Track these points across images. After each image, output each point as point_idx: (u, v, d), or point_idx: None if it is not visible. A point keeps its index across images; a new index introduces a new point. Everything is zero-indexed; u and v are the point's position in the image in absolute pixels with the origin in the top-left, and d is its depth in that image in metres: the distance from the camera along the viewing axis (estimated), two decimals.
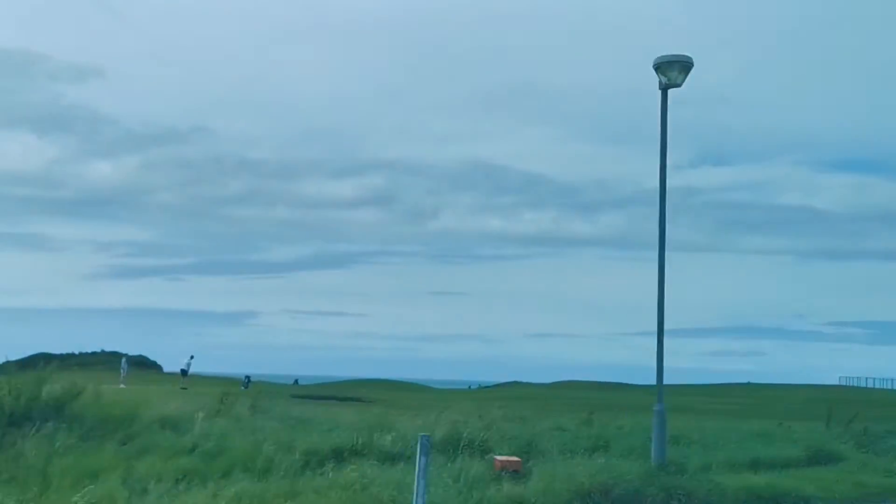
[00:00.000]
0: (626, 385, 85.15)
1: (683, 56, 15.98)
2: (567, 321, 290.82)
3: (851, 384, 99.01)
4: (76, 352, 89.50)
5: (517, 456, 15.47)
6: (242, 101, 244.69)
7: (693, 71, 15.99)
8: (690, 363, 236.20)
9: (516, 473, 14.22)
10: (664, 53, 15.97)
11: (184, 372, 52.24)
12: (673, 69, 15.93)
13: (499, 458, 14.99)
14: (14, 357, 23.28)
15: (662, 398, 15.91)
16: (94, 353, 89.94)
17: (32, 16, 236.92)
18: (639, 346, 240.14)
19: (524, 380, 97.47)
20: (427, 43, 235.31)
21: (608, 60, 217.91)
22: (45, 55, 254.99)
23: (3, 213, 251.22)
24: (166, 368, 77.55)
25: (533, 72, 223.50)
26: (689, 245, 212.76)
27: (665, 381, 15.81)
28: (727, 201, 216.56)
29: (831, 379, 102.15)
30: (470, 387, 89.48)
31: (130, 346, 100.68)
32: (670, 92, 16.37)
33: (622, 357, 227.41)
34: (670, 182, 17.46)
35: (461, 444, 16.02)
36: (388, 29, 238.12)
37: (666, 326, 16.37)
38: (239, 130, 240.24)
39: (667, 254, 16.96)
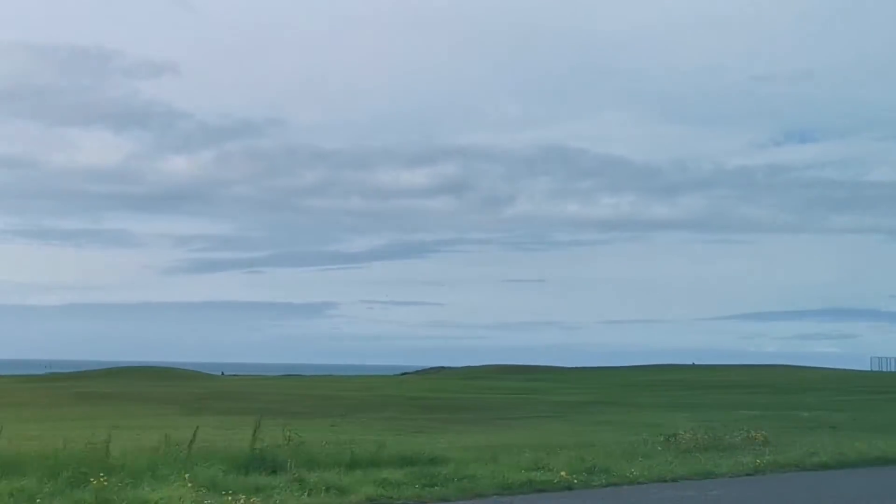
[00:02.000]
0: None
1: None
2: (647, 307, 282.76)
3: None
4: None
5: None
6: (315, 92, 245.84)
7: (776, 46, 10.52)
8: (780, 347, 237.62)
9: None
10: (738, 30, 10.51)
11: None
12: None
13: None
14: None
15: None
16: None
17: (106, 12, 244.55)
18: (721, 330, 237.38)
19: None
20: (500, 26, 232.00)
21: (686, 40, 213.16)
22: (119, 52, 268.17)
23: (83, 209, 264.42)
24: None
25: (609, 53, 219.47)
26: (775, 226, 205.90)
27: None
28: (814, 179, 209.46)
29: None
30: None
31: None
32: (751, 68, 10.94)
33: (704, 342, 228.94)
34: (754, 161, 11.97)
35: None
36: (459, 13, 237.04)
37: (754, 309, 11.35)
38: (312, 121, 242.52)
39: (753, 235, 11.58)
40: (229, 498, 11.68)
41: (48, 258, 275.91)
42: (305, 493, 12.43)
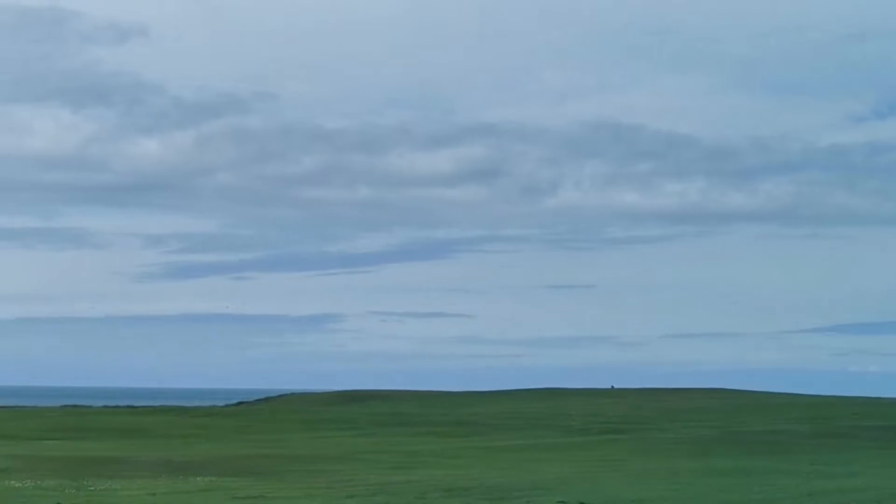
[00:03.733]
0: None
1: None
2: (721, 317, 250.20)
3: None
4: None
5: None
6: (313, 60, 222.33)
7: None
8: (882, 366, 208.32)
9: None
10: None
11: None
12: None
13: None
14: None
15: None
16: None
17: None
18: (813, 345, 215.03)
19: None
20: None
21: None
22: (78, 12, 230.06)
23: (33, 203, 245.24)
24: None
25: (668, 8, 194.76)
26: (878, 217, 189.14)
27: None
28: None
29: None
30: None
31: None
32: (844, 24, 9.64)
33: (790, 360, 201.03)
34: (853, 137, 10.83)
35: None
36: None
37: (854, 320, 10.17)
38: (310, 95, 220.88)
39: (851, 228, 10.52)
40: None
41: None
42: None
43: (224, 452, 35.37)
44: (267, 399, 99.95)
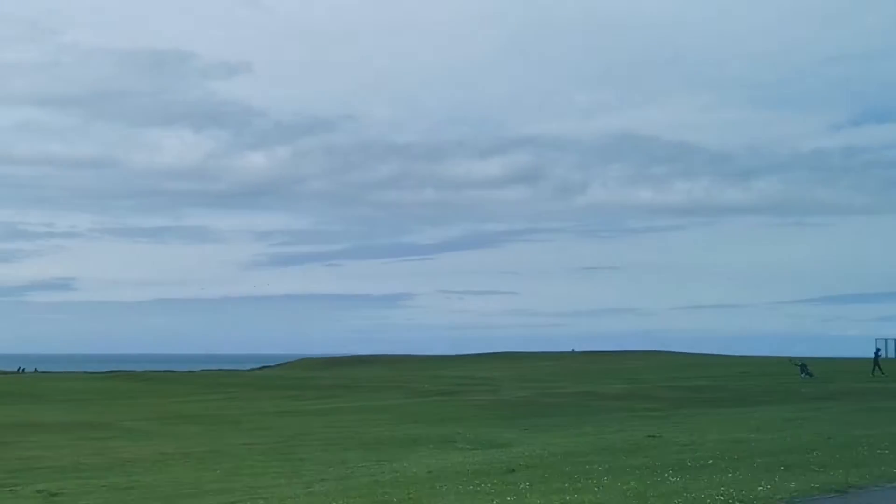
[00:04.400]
0: None
1: None
2: (722, 292, 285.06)
3: None
4: None
5: None
6: (387, 87, 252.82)
7: (848, 26, 13.74)
8: (860, 330, 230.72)
9: None
10: (809, 11, 13.27)
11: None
12: None
13: None
14: None
15: None
16: None
17: (181, 17, 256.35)
18: (799, 314, 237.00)
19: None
20: (568, 16, 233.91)
21: (755, 23, 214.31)
22: (195, 54, 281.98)
23: (164, 207, 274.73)
24: None
25: (678, 39, 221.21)
26: (852, 208, 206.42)
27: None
28: (892, 160, 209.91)
29: None
30: None
31: None
32: (824, 47, 13.99)
33: (782, 326, 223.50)
34: (832, 142, 15.46)
35: None
36: (528, 5, 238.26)
37: (833, 292, 14.90)
38: (384, 116, 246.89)
39: (830, 218, 14.91)
40: None
41: (133, 255, 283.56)
42: None
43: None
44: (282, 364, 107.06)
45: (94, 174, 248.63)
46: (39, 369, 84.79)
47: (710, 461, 15.58)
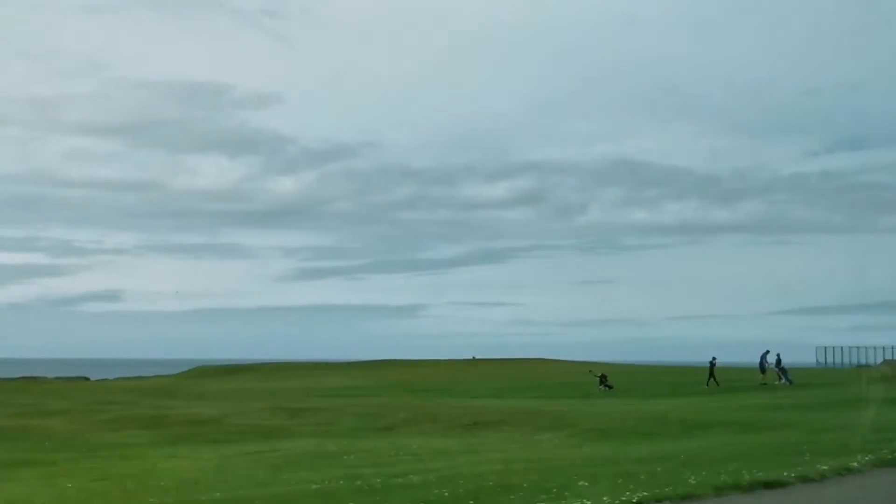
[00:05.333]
0: None
1: None
2: (709, 304, 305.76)
3: None
4: None
5: None
6: (404, 117, 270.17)
7: (825, 61, 17.64)
8: (834, 339, 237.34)
9: None
10: (789, 47, 16.79)
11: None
12: None
13: None
14: None
15: None
16: None
17: (218, 52, 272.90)
18: (779, 324, 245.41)
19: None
20: (570, 53, 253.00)
21: (740, 59, 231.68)
22: (230, 86, 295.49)
23: (202, 226, 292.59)
24: None
25: (672, 73, 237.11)
26: (827, 227, 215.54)
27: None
28: (864, 183, 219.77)
29: None
30: None
31: None
32: (802, 81, 17.03)
33: (763, 335, 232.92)
34: (809, 167, 19.71)
35: None
36: (534, 44, 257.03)
37: (810, 304, 21.11)
38: (402, 143, 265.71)
39: (807, 236, 19.84)
40: None
41: (174, 269, 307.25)
42: None
43: None
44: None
45: (139, 196, 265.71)
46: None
47: None
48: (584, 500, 11.21)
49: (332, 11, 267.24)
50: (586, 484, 12.50)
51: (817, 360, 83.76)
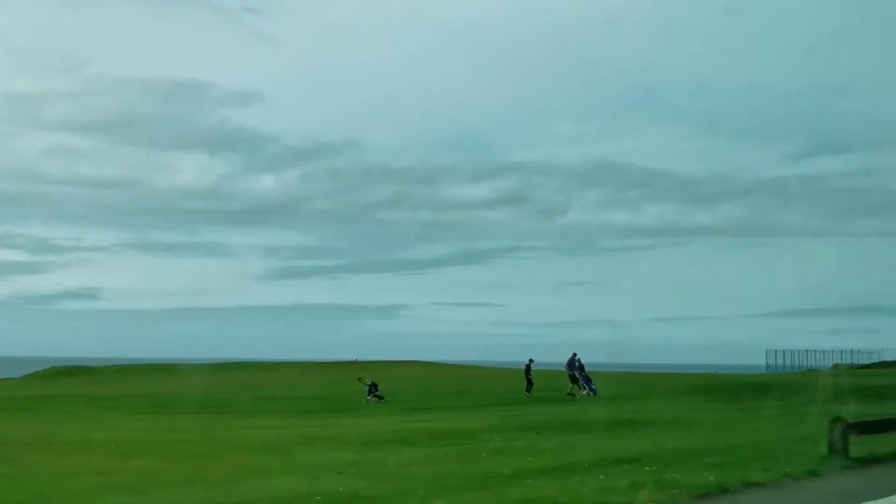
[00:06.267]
0: None
1: None
2: (690, 305, 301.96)
3: None
4: None
5: None
6: (387, 116, 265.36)
7: (807, 64, 16.45)
8: (812, 342, 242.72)
9: None
10: (772, 50, 15.38)
11: None
12: None
13: None
14: None
15: None
16: None
17: (199, 49, 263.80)
18: (757, 326, 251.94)
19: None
20: (554, 55, 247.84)
21: (722, 61, 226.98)
22: (212, 83, 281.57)
23: (182, 224, 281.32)
24: None
25: (654, 75, 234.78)
26: (806, 230, 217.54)
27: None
28: (843, 187, 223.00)
29: None
30: None
31: None
32: (783, 84, 15.37)
33: (741, 337, 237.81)
34: (789, 171, 17.89)
35: None
36: (516, 45, 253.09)
37: (788, 307, 18.63)
38: (384, 142, 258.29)
39: (787, 239, 17.80)
40: None
41: (153, 268, 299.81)
42: None
43: None
44: None
45: (119, 194, 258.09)
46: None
47: None
48: None
49: (315, 9, 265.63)
50: None
51: (767, 364, 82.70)
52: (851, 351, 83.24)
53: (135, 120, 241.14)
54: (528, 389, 43.80)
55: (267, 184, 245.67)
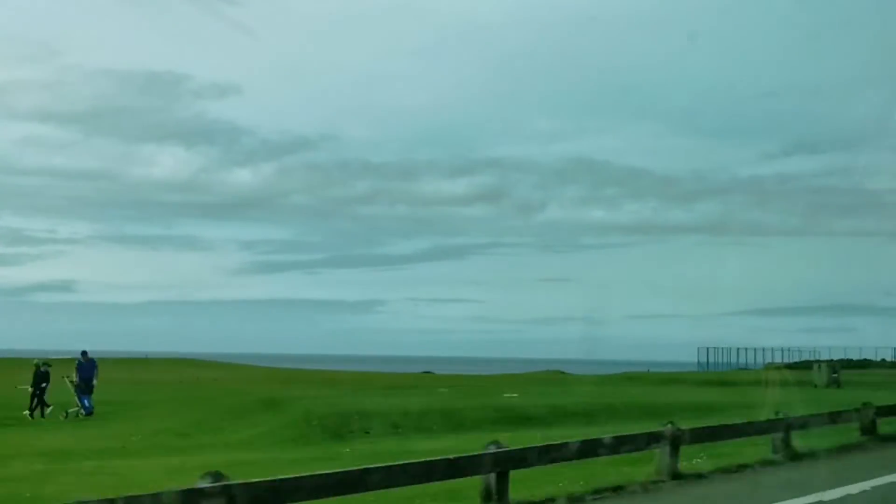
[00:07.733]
0: None
1: None
2: (666, 303, 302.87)
3: None
4: None
5: None
6: (365, 110, 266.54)
7: (784, 64, 16.71)
8: (786, 340, 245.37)
9: None
10: (749, 49, 15.79)
11: None
12: None
13: None
14: None
15: None
16: None
17: (176, 41, 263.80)
18: (733, 324, 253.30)
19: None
20: (532, 50, 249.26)
21: (700, 59, 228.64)
22: (189, 76, 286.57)
23: (158, 217, 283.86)
24: None
25: (632, 73, 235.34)
26: (783, 229, 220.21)
27: None
28: (819, 186, 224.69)
29: None
30: None
31: None
32: (760, 84, 14.87)
33: (718, 335, 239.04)
34: (766, 170, 18.31)
35: None
36: (494, 40, 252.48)
37: (763, 305, 19.17)
38: (363, 136, 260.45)
39: (764, 238, 18.22)
40: None
41: (129, 260, 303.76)
42: None
43: None
44: None
45: (94, 185, 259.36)
46: None
47: None
48: None
49: (293, 2, 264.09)
50: None
51: (699, 361, 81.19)
52: (788, 350, 79.48)
53: (111, 111, 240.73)
54: (33, 408, 32.16)
55: (244, 177, 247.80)
